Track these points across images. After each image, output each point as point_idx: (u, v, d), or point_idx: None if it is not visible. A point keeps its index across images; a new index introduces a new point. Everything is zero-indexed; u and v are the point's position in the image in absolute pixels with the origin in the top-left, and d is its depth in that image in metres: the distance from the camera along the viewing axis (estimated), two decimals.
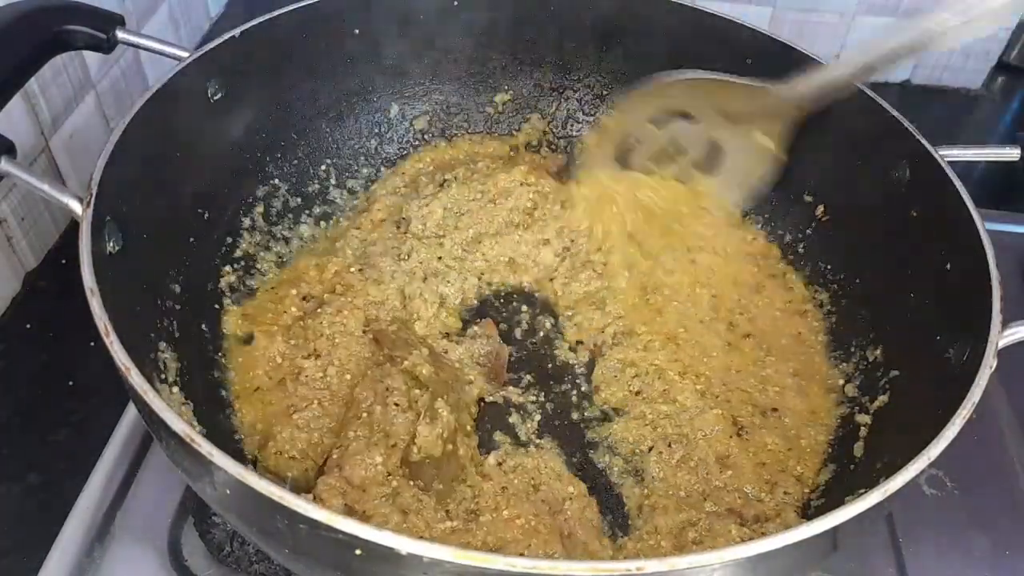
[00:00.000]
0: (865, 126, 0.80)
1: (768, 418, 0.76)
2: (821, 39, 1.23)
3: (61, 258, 0.93)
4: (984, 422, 0.80)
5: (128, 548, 0.69)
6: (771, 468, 0.72)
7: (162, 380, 0.65)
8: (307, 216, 0.91)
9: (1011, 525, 0.76)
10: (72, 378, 0.82)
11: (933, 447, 0.52)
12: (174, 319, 0.71)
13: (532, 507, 0.67)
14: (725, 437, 0.73)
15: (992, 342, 0.59)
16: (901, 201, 0.76)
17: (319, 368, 0.74)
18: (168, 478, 0.72)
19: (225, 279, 0.81)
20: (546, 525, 0.66)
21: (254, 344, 0.77)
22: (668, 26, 0.90)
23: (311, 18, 0.84)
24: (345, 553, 0.44)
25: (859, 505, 0.48)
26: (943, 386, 0.60)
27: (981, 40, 1.24)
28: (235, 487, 0.46)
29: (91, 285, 0.54)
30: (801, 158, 0.88)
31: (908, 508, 0.76)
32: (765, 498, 0.70)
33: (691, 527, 0.67)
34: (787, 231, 0.91)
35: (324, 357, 0.75)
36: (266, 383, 0.74)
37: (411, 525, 0.62)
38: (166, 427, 0.48)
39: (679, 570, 0.44)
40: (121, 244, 0.63)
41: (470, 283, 0.86)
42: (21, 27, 0.67)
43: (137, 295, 0.65)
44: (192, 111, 0.75)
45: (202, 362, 0.74)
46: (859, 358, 0.78)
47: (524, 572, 0.42)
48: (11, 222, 0.86)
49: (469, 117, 0.99)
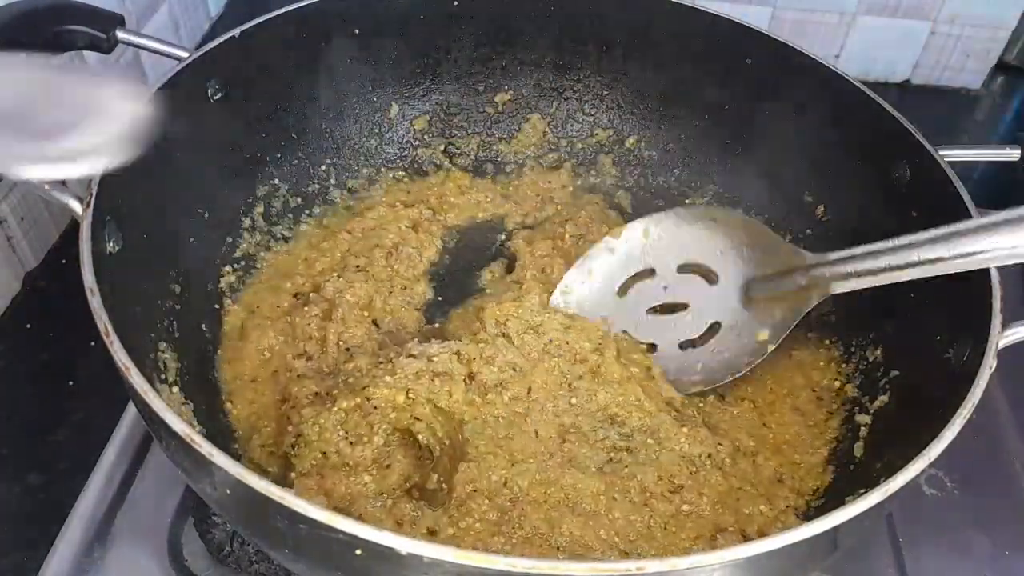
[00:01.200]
0: (865, 126, 0.80)
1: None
2: (821, 39, 1.23)
3: (61, 258, 0.93)
4: (984, 422, 0.80)
5: (128, 548, 0.69)
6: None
7: (162, 380, 0.65)
8: (307, 216, 0.91)
9: (1011, 525, 0.76)
10: (72, 378, 0.82)
11: (933, 447, 0.52)
12: (174, 319, 0.71)
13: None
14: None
15: (992, 342, 0.59)
16: (901, 201, 0.76)
17: (309, 368, 0.75)
18: (168, 478, 0.72)
19: (225, 279, 0.81)
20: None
21: (246, 336, 0.78)
22: (668, 26, 0.90)
23: (311, 18, 0.84)
24: (345, 553, 0.44)
25: (859, 505, 0.48)
26: (943, 386, 0.60)
27: (981, 40, 1.24)
28: (235, 487, 0.46)
29: (91, 285, 0.54)
30: (801, 158, 0.88)
31: (908, 508, 0.76)
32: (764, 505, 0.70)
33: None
34: (786, 231, 0.90)
35: (315, 359, 0.76)
36: (259, 376, 0.75)
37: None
38: (166, 427, 0.48)
39: (679, 570, 0.44)
40: (121, 244, 0.63)
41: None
42: (21, 27, 0.67)
43: (137, 295, 0.65)
44: (192, 111, 0.75)
45: (202, 362, 0.74)
46: (859, 358, 0.78)
47: (524, 572, 0.42)
48: (11, 222, 0.86)
49: (469, 117, 0.99)
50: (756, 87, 0.88)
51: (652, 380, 0.75)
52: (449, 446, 0.68)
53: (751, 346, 0.77)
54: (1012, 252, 0.60)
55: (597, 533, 0.65)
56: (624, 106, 0.98)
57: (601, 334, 0.77)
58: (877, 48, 1.25)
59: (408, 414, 0.68)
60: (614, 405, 0.72)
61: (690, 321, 0.80)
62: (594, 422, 0.72)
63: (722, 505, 0.68)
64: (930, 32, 1.23)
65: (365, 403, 0.68)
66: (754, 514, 0.68)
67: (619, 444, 0.71)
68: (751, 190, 0.93)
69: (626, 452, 0.70)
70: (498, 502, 0.65)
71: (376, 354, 0.75)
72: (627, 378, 0.74)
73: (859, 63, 1.26)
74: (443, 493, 0.65)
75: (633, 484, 0.68)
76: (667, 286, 0.82)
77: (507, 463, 0.68)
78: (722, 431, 0.74)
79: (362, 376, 0.71)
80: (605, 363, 0.74)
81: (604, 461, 0.69)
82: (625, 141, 0.99)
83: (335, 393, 0.70)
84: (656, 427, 0.71)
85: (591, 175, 1.00)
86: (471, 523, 0.64)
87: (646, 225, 0.83)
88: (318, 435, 0.67)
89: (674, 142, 0.97)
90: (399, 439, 0.68)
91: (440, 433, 0.68)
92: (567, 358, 0.75)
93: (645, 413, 0.72)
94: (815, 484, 0.71)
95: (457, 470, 0.66)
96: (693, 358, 0.79)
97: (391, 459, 0.67)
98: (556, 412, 0.72)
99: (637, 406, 0.72)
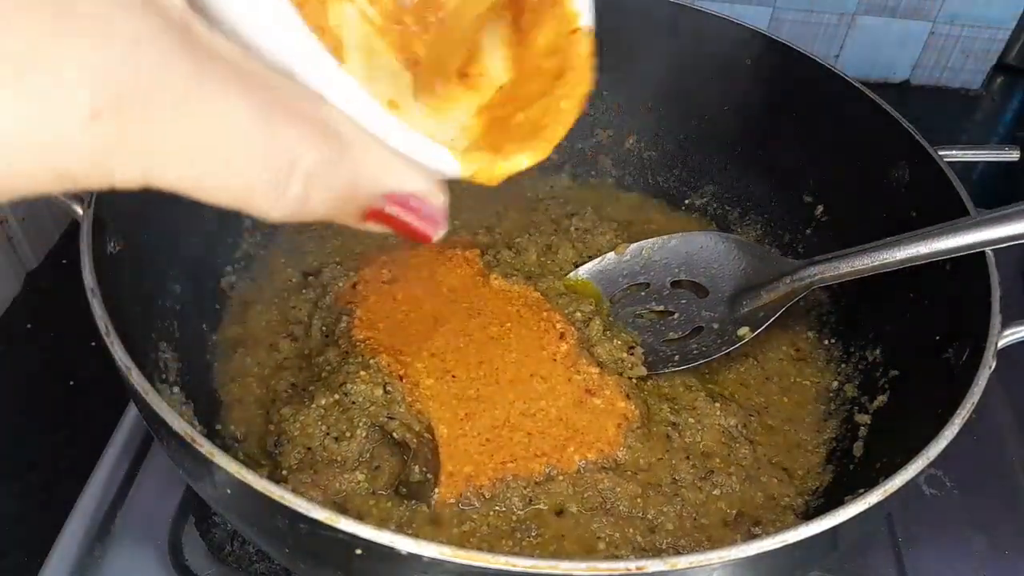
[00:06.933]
0: (865, 126, 0.80)
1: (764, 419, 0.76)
2: (821, 39, 1.24)
3: (62, 258, 0.93)
4: (984, 422, 0.80)
5: (128, 548, 0.69)
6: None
7: (163, 380, 0.65)
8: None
9: (1011, 525, 0.76)
10: (72, 378, 0.82)
11: (933, 447, 0.52)
12: (174, 319, 0.71)
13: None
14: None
15: (992, 342, 0.59)
16: (901, 201, 0.76)
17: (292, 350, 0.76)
18: (168, 478, 0.72)
19: (225, 279, 0.81)
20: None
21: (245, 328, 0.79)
22: (667, 26, 0.90)
23: None
24: (345, 553, 0.44)
25: (859, 505, 0.48)
26: (943, 386, 0.60)
27: (981, 40, 1.24)
28: (235, 487, 0.46)
29: (92, 285, 0.54)
30: (801, 158, 0.88)
31: (908, 508, 0.76)
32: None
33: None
34: (786, 231, 0.91)
35: (300, 341, 0.77)
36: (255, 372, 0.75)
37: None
38: (167, 427, 0.48)
39: (679, 570, 0.44)
40: (122, 244, 0.63)
41: None
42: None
43: (137, 295, 0.65)
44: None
45: (203, 362, 0.74)
46: (859, 358, 0.78)
47: (524, 572, 0.42)
48: (12, 222, 0.86)
49: None
50: (756, 87, 0.88)
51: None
52: (429, 439, 0.68)
53: (731, 341, 0.78)
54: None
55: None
56: (624, 106, 0.98)
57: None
58: (877, 48, 1.25)
59: (385, 411, 0.68)
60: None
61: (675, 325, 0.81)
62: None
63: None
64: (930, 32, 1.23)
65: (344, 399, 0.68)
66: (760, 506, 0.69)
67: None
68: (750, 190, 0.94)
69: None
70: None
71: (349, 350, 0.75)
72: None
73: (859, 63, 1.26)
74: (429, 483, 0.66)
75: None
76: (658, 298, 0.84)
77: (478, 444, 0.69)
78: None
79: (333, 370, 0.71)
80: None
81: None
82: (625, 141, 0.99)
83: (311, 389, 0.70)
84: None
85: (591, 175, 1.00)
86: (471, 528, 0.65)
87: (647, 245, 0.86)
88: (300, 431, 0.67)
89: (674, 142, 0.97)
90: (380, 435, 0.68)
91: (417, 428, 0.68)
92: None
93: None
94: (815, 484, 0.71)
95: (439, 459, 0.67)
96: (671, 349, 0.80)
97: (379, 460, 0.67)
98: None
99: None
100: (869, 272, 0.71)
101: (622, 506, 0.67)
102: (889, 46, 1.25)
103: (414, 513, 0.65)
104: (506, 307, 0.79)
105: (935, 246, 0.66)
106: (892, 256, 0.69)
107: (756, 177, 0.93)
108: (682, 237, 0.86)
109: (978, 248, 0.64)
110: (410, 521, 0.65)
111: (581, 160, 1.00)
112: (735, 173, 0.94)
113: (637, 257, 0.86)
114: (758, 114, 0.90)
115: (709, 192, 0.96)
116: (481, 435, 0.69)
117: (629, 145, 0.99)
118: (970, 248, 0.64)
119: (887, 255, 0.69)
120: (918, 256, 0.67)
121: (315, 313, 0.79)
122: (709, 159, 0.96)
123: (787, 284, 0.76)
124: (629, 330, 0.81)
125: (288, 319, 0.80)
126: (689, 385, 0.77)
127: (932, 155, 0.73)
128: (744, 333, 0.77)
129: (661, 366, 0.78)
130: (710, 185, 0.96)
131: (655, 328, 0.81)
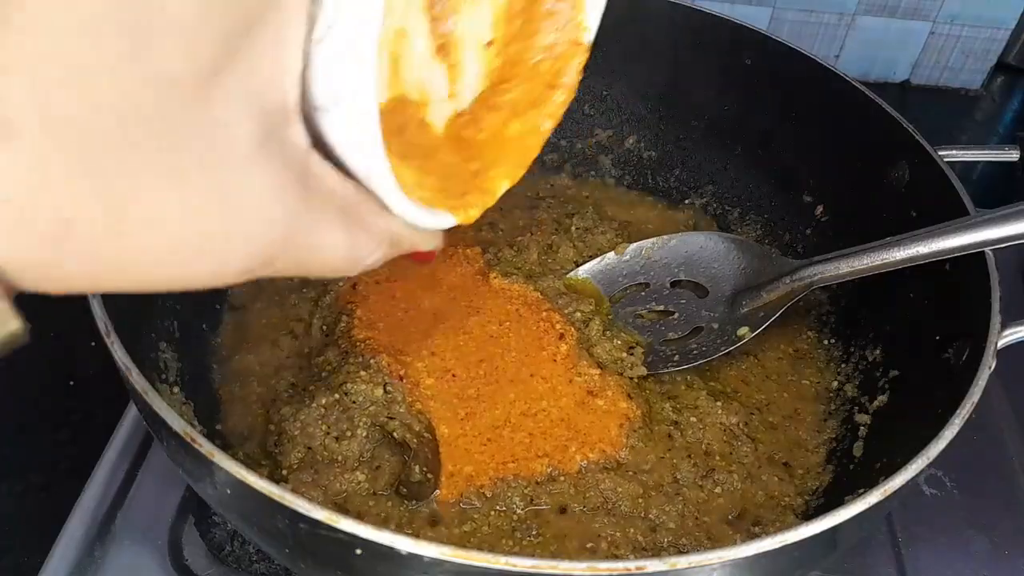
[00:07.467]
0: (865, 126, 0.80)
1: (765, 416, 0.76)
2: (821, 39, 1.24)
3: None
4: (984, 422, 0.80)
5: (128, 548, 0.69)
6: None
7: (163, 380, 0.65)
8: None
9: (1011, 525, 0.76)
10: (72, 378, 0.82)
11: (933, 447, 0.52)
12: (174, 319, 0.71)
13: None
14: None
15: (992, 342, 0.58)
16: (901, 201, 0.76)
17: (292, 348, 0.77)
18: (168, 478, 0.72)
19: None
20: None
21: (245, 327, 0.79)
22: (667, 25, 0.90)
23: None
24: (345, 553, 0.44)
25: (859, 505, 0.48)
26: (943, 386, 0.60)
27: (981, 40, 1.24)
28: (235, 487, 0.46)
29: None
30: (801, 158, 0.88)
31: (908, 508, 0.76)
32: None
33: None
34: (786, 231, 0.91)
35: (300, 339, 0.77)
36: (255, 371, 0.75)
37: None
38: (167, 427, 0.48)
39: (679, 569, 0.44)
40: None
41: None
42: None
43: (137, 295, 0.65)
44: None
45: (203, 362, 0.74)
46: (859, 358, 0.78)
47: (524, 572, 0.42)
48: None
49: None
50: (755, 87, 0.88)
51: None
52: (429, 439, 0.68)
53: (731, 341, 0.78)
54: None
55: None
56: (624, 106, 0.98)
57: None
58: (876, 48, 1.25)
59: (385, 410, 0.68)
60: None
61: (675, 325, 0.81)
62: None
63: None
64: (929, 32, 1.23)
65: (344, 398, 0.68)
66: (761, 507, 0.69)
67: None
68: (750, 190, 0.94)
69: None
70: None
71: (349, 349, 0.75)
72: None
73: (859, 63, 1.26)
74: (429, 483, 0.66)
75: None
76: (658, 298, 0.84)
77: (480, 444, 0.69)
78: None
79: (333, 370, 0.71)
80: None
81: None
82: (625, 141, 0.99)
83: (311, 388, 0.70)
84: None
85: (591, 175, 1.00)
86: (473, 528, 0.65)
87: (647, 245, 0.86)
88: (300, 431, 0.67)
89: (674, 142, 0.97)
90: (380, 434, 0.68)
91: (417, 427, 0.68)
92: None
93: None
94: (815, 484, 0.71)
95: (440, 459, 0.67)
96: (671, 349, 0.80)
97: (380, 460, 0.67)
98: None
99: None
100: (869, 272, 0.71)
101: (624, 506, 0.67)
102: (889, 46, 1.25)
103: (414, 513, 0.65)
104: (505, 306, 0.79)
105: (935, 246, 0.66)
106: (892, 256, 0.68)
107: (756, 177, 0.93)
108: (682, 237, 0.86)
109: (978, 248, 0.64)
110: (410, 521, 0.65)
111: (581, 160, 1.00)
112: (735, 173, 0.94)
113: (637, 257, 0.86)
114: (758, 114, 0.90)
115: (709, 192, 0.96)
116: (482, 435, 0.69)
117: (629, 145, 0.99)
118: (970, 248, 0.64)
119: (887, 255, 0.69)
120: (918, 256, 0.67)
121: (315, 312, 0.79)
122: (709, 159, 0.96)
123: (787, 284, 0.76)
124: (629, 330, 0.81)
125: (288, 318, 0.80)
126: (690, 383, 0.77)
127: (932, 155, 0.73)
128: (744, 333, 0.77)
129: (661, 366, 0.78)
130: (710, 185, 0.96)
131: (655, 328, 0.81)
